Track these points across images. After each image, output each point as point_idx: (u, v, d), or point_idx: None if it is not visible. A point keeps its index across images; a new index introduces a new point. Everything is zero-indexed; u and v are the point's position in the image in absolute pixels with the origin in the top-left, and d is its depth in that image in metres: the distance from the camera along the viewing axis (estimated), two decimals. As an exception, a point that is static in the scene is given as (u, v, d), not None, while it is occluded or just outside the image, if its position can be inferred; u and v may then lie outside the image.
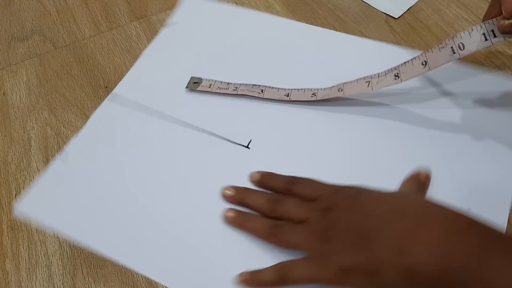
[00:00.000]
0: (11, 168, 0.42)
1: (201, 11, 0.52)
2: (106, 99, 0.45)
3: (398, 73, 0.40)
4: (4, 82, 0.48)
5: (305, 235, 0.31)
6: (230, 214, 0.36)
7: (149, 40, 0.51)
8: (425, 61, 0.39)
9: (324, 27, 0.51)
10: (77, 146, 0.42)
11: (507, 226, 0.35)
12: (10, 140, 0.43)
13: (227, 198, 0.37)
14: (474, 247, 0.25)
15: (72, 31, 0.52)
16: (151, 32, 0.51)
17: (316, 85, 0.43)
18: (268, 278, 0.31)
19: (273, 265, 0.32)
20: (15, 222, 0.38)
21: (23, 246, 0.37)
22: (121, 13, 0.54)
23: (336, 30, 0.51)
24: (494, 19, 0.36)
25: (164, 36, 0.50)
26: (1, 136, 0.44)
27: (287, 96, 0.43)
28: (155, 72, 0.47)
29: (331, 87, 0.42)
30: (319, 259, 0.30)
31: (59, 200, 0.38)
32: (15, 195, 0.40)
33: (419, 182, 0.35)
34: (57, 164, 0.41)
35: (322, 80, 0.43)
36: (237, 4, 0.54)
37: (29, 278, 0.36)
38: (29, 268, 0.36)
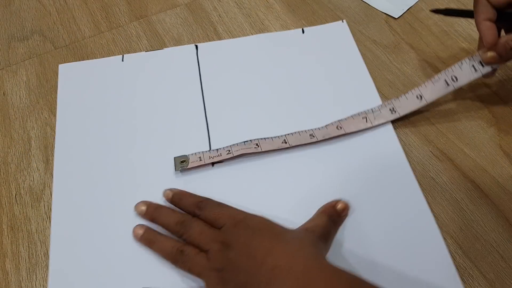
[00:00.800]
0: (11, 168, 0.42)
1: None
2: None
3: (393, 108, 0.41)
4: (4, 82, 0.48)
5: (205, 269, 0.32)
6: (139, 231, 0.36)
7: (149, 40, 0.51)
8: (420, 95, 0.41)
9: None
10: None
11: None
12: (10, 140, 0.43)
13: (139, 214, 0.37)
14: None
15: (72, 31, 0.52)
16: (151, 32, 0.51)
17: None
18: None
19: None
20: (15, 222, 0.38)
21: (23, 246, 0.37)
22: (121, 13, 0.54)
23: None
24: (480, 51, 0.38)
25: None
26: (1, 136, 0.44)
27: (285, 142, 0.41)
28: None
29: (326, 126, 0.41)
30: None
31: None
32: (15, 195, 0.40)
33: (335, 212, 0.36)
34: None
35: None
36: (237, 4, 0.54)
37: (29, 278, 0.36)
38: (29, 268, 0.36)
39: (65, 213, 0.38)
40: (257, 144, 0.40)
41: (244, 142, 0.41)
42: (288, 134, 0.41)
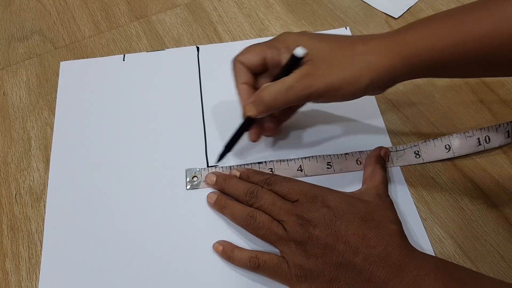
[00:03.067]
0: (11, 168, 0.42)
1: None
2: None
3: (419, 151, 0.40)
4: (4, 82, 0.48)
5: (282, 239, 0.33)
6: (212, 196, 0.37)
7: (149, 40, 0.51)
8: (449, 145, 0.39)
9: (323, 27, 0.51)
10: None
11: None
12: (10, 140, 0.43)
13: (210, 185, 0.38)
14: None
15: (72, 31, 0.52)
16: (151, 32, 0.51)
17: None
18: (243, 258, 0.34)
19: (250, 252, 0.34)
20: (15, 222, 0.38)
21: (23, 246, 0.37)
22: (121, 13, 0.54)
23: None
24: None
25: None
26: (1, 136, 0.44)
27: (301, 170, 0.40)
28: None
29: (345, 156, 0.40)
30: (297, 270, 0.32)
31: None
32: (15, 195, 0.40)
33: (382, 159, 0.39)
34: None
35: None
36: (237, 4, 0.54)
37: (29, 278, 0.36)
38: (29, 268, 0.36)
39: (59, 213, 0.38)
40: (271, 170, 0.39)
41: (258, 163, 0.40)
42: (305, 159, 0.40)
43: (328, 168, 0.40)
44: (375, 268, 0.30)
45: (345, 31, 0.50)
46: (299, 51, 0.33)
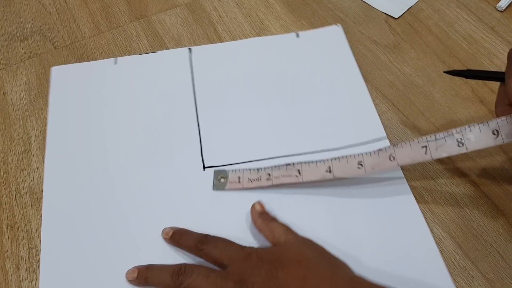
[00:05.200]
0: (11, 168, 0.42)
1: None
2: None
3: (461, 139, 0.34)
4: (4, 82, 0.48)
5: None
6: None
7: (149, 40, 0.51)
8: (497, 130, 0.33)
9: (323, 27, 0.51)
10: None
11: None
12: (10, 140, 0.43)
13: (131, 282, 0.34)
14: None
15: (72, 31, 0.52)
16: (151, 32, 0.51)
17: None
18: None
19: None
20: (15, 222, 0.38)
21: (23, 246, 0.37)
22: (121, 13, 0.54)
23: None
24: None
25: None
26: (1, 136, 0.44)
27: (329, 171, 0.37)
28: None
29: (378, 152, 0.36)
30: None
31: None
32: (15, 195, 0.40)
33: (260, 213, 0.36)
34: None
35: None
36: (237, 4, 0.54)
37: (29, 278, 0.36)
38: (29, 268, 0.36)
39: (54, 216, 0.38)
40: (299, 171, 0.37)
41: (286, 165, 0.38)
42: (334, 160, 0.37)
43: (359, 168, 0.36)
44: None
45: (336, 29, 0.50)
46: None
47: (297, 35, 0.50)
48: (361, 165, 0.36)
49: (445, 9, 0.51)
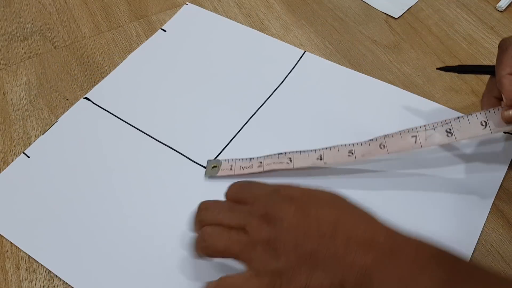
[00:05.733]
0: (11, 168, 0.42)
1: (199, 21, 0.52)
2: (80, 101, 0.45)
3: (450, 129, 0.34)
4: (4, 82, 0.48)
5: (245, 246, 0.28)
6: None
7: (149, 40, 0.51)
8: (485, 121, 0.33)
9: (323, 27, 0.51)
10: (42, 145, 0.42)
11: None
12: (10, 140, 0.43)
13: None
14: (441, 284, 0.24)
15: (72, 31, 0.52)
16: (151, 32, 0.51)
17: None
18: None
19: (214, 282, 0.28)
20: (15, 222, 0.38)
21: (23, 246, 0.37)
22: (121, 13, 0.54)
23: (336, 30, 0.51)
24: (497, 108, 0.33)
25: (155, 41, 0.50)
26: (1, 136, 0.44)
27: (320, 159, 0.37)
28: (134, 81, 0.46)
29: (369, 142, 0.36)
30: (269, 277, 0.26)
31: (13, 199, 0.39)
32: (15, 195, 0.40)
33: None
34: (20, 160, 0.41)
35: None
36: (237, 4, 0.54)
37: (29, 278, 0.35)
38: (29, 268, 0.36)
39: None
40: (290, 159, 0.38)
41: (278, 154, 0.39)
42: (326, 149, 0.37)
43: (349, 156, 0.36)
44: (358, 253, 0.25)
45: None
46: None
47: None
48: (352, 153, 0.36)
49: (445, 9, 0.51)
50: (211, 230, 0.29)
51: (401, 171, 0.39)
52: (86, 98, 0.45)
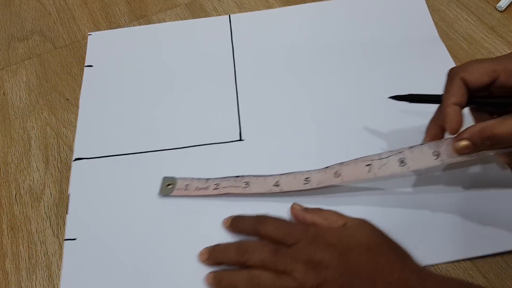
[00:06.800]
0: (11, 168, 0.42)
1: (116, 41, 0.50)
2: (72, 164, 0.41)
3: (403, 159, 0.34)
4: (4, 82, 0.48)
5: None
6: (209, 275, 0.33)
7: (149, 40, 0.51)
8: (437, 152, 0.33)
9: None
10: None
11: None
12: (10, 140, 0.43)
13: (204, 263, 0.34)
14: None
15: (72, 31, 0.52)
16: (151, 32, 0.51)
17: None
18: None
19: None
20: (15, 222, 0.38)
21: (23, 246, 0.37)
22: (121, 13, 0.54)
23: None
24: (447, 140, 0.33)
25: (88, 80, 0.47)
26: (1, 136, 0.44)
27: (277, 185, 0.37)
28: (101, 123, 0.44)
29: (325, 169, 0.37)
30: None
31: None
32: (15, 195, 0.40)
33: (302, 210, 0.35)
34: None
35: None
36: (237, 4, 0.54)
37: (29, 278, 0.36)
38: (29, 268, 0.36)
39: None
40: (246, 183, 0.38)
41: (235, 177, 0.38)
42: (283, 175, 0.37)
43: (305, 183, 0.37)
44: None
45: None
46: None
47: None
48: (308, 181, 0.37)
49: (445, 9, 0.51)
50: (261, 275, 0.31)
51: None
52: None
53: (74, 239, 0.37)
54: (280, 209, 0.36)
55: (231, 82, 0.45)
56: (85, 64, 0.48)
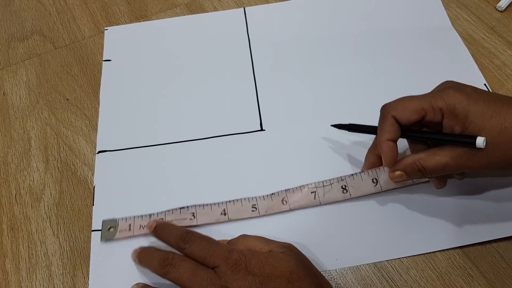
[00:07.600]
0: (11, 168, 0.42)
1: (134, 36, 0.51)
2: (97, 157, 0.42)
3: (345, 186, 0.37)
4: (4, 82, 0.48)
5: None
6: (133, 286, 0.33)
7: (149, 40, 0.50)
8: (376, 178, 0.36)
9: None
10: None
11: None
12: (10, 140, 0.43)
13: (134, 261, 0.35)
14: None
15: (72, 31, 0.52)
16: (151, 32, 0.51)
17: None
18: None
19: None
20: (15, 222, 0.38)
21: (23, 246, 0.37)
22: (121, 13, 0.54)
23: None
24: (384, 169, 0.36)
25: (107, 74, 0.47)
26: (1, 136, 0.44)
27: (224, 214, 0.37)
28: (122, 116, 0.44)
29: (271, 196, 0.37)
30: None
31: None
32: (15, 195, 0.40)
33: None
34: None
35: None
36: (237, 4, 0.54)
37: (29, 278, 0.36)
38: (29, 268, 0.36)
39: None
40: (193, 214, 0.37)
41: (180, 208, 0.37)
42: (229, 202, 0.37)
43: (253, 211, 0.37)
44: None
45: None
46: (481, 143, 0.30)
47: None
48: (255, 208, 0.37)
49: (445, 9, 0.51)
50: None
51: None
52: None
53: (100, 230, 0.37)
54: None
55: (249, 74, 0.46)
56: (103, 59, 0.48)
